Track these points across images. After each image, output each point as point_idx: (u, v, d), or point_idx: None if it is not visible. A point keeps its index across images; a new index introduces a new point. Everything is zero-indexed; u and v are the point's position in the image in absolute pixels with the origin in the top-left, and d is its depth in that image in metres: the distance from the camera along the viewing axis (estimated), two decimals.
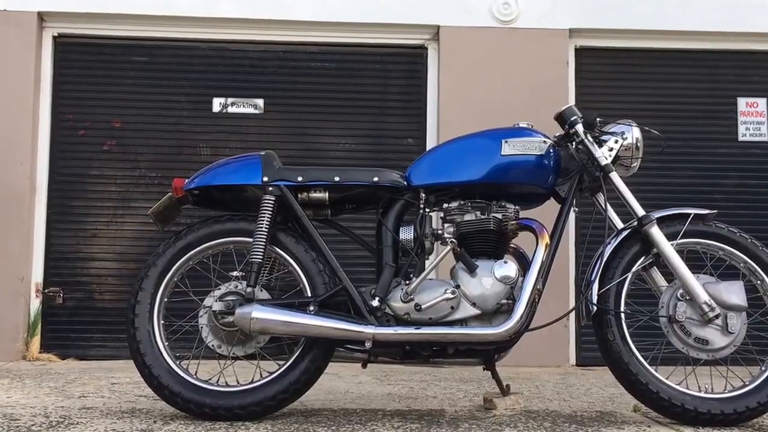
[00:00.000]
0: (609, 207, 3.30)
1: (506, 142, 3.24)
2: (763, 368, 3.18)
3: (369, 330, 3.08)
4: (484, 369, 3.38)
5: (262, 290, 3.26)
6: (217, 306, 3.17)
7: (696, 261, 3.31)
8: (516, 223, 3.26)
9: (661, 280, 3.30)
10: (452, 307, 3.13)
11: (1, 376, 4.72)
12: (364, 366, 3.33)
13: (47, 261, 6.25)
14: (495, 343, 3.14)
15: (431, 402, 3.76)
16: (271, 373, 3.17)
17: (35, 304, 6.24)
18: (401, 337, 3.09)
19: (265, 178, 3.26)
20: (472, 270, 3.14)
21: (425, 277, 3.16)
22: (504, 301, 3.15)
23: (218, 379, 3.22)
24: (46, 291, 6.22)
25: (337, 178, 3.28)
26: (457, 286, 3.16)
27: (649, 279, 3.34)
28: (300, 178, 3.27)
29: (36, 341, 6.19)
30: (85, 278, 6.27)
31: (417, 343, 3.13)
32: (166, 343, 3.23)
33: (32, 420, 3.11)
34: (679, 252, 3.23)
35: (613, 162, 3.31)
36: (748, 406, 3.09)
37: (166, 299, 3.27)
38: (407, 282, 3.17)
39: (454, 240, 3.18)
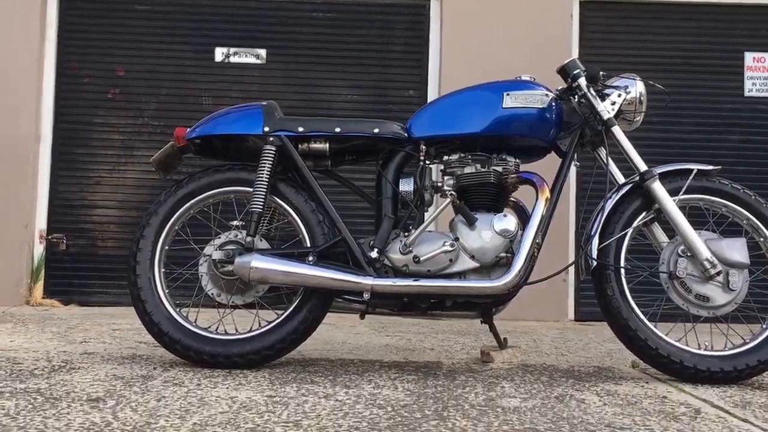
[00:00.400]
0: (611, 162, 3.23)
1: (508, 95, 3.16)
2: (764, 326, 3.12)
3: (367, 281, 3.02)
4: (481, 322, 3.34)
5: (261, 240, 3.20)
6: (217, 255, 3.11)
7: (698, 217, 3.23)
8: (516, 177, 3.18)
9: (662, 236, 3.23)
10: (451, 260, 3.06)
11: (4, 320, 4.69)
12: (362, 317, 3.28)
13: (51, 208, 6.24)
14: (493, 297, 3.08)
15: (428, 354, 3.72)
16: (270, 323, 3.12)
17: (39, 250, 6.23)
18: (399, 288, 3.03)
19: (266, 129, 3.19)
20: (471, 223, 3.07)
21: (424, 229, 3.09)
22: (503, 254, 3.09)
23: (217, 328, 3.18)
24: (49, 238, 6.20)
25: (337, 129, 3.20)
26: (456, 239, 3.09)
27: (650, 234, 3.27)
28: (301, 129, 3.20)
29: (39, 287, 6.18)
30: (88, 225, 6.25)
31: (415, 295, 3.07)
32: (167, 291, 3.18)
33: (35, 364, 3.07)
34: (681, 208, 3.16)
35: (616, 116, 3.23)
36: (748, 363, 3.04)
37: (167, 247, 3.22)
38: (406, 234, 3.11)
39: (453, 192, 3.11)
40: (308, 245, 3.16)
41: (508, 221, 3.09)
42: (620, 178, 3.26)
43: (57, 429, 2.08)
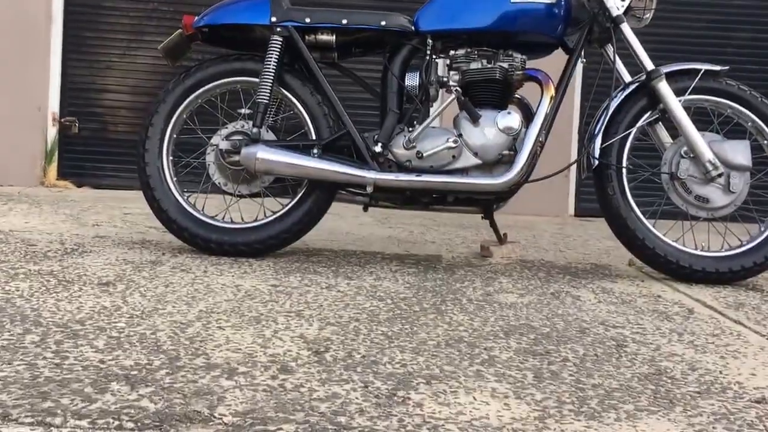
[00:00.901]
0: (618, 60, 3.15)
1: None
2: (762, 228, 3.10)
3: (370, 175, 3.00)
4: (482, 218, 3.32)
5: (267, 131, 3.17)
6: (224, 145, 3.09)
7: (703, 116, 3.19)
8: (522, 74, 3.11)
9: (665, 137, 3.19)
10: (453, 156, 3.04)
11: (20, 201, 4.71)
12: (366, 209, 3.28)
13: (63, 91, 6.19)
14: (494, 194, 3.07)
15: (429, 247, 3.73)
16: (275, 212, 3.12)
17: (52, 132, 6.21)
18: (402, 183, 3.02)
19: (273, 18, 3.11)
20: (475, 119, 3.03)
21: (428, 124, 3.05)
22: (506, 152, 3.05)
23: (224, 216, 3.17)
24: (62, 120, 6.17)
25: (344, 21, 3.13)
26: (460, 135, 3.05)
27: (653, 135, 3.22)
28: (308, 20, 3.13)
29: (53, 168, 6.20)
30: (99, 109, 6.23)
31: (417, 190, 3.06)
32: (175, 179, 3.17)
33: (48, 246, 3.09)
34: (686, 109, 3.10)
35: (625, 13, 3.15)
36: (743, 265, 3.04)
37: (175, 135, 3.20)
38: (410, 129, 3.07)
39: (458, 89, 3.06)
40: (313, 138, 3.13)
41: (512, 118, 3.05)
42: (627, 77, 3.20)
43: (68, 312, 2.10)
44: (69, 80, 6.17)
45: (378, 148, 3.04)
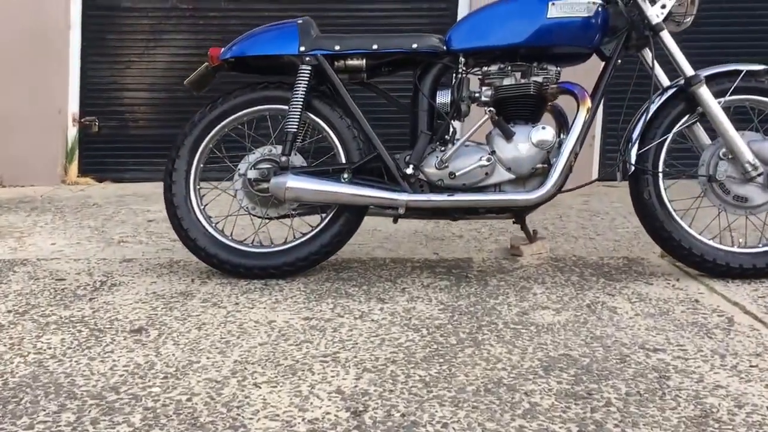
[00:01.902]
0: (656, 64, 3.05)
1: (553, 4, 2.98)
2: None
3: (402, 197, 2.95)
4: (513, 222, 3.25)
5: (296, 154, 3.12)
6: (252, 174, 3.05)
7: (743, 114, 3.12)
8: (557, 87, 3.03)
9: (704, 138, 3.11)
10: (487, 173, 2.99)
11: (43, 210, 4.70)
12: (395, 221, 3.21)
13: (83, 92, 6.20)
14: (529, 208, 3.01)
15: (457, 245, 3.68)
16: (304, 234, 3.08)
17: (72, 132, 6.21)
18: (434, 204, 2.98)
19: (302, 48, 3.06)
20: (509, 137, 2.97)
21: (461, 144, 2.99)
22: (539, 165, 2.99)
23: (253, 240, 3.13)
24: (82, 120, 6.17)
25: (375, 46, 3.06)
26: (493, 152, 2.99)
27: (691, 136, 3.15)
28: (337, 47, 3.06)
29: (74, 167, 6.22)
30: (119, 108, 6.21)
31: (449, 209, 3.01)
32: (203, 207, 3.13)
33: (77, 280, 3.07)
34: (726, 109, 3.01)
35: (665, 19, 3.04)
36: None
37: (201, 165, 3.16)
38: (443, 149, 3.01)
39: (492, 109, 2.99)
40: (343, 161, 3.08)
41: (546, 133, 2.98)
42: (665, 81, 3.10)
43: (102, 375, 2.07)
44: (88, 81, 6.14)
45: (410, 170, 2.98)
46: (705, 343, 2.30)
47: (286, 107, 3.05)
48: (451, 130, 3.07)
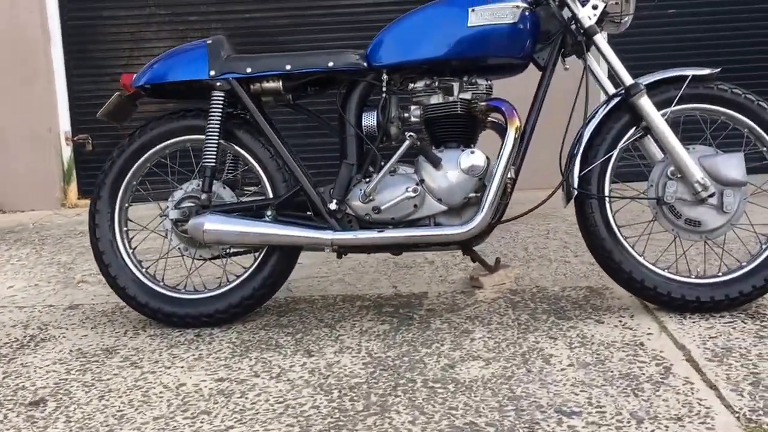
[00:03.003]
0: (600, 72, 2.90)
1: (473, 10, 2.81)
2: (764, 245, 2.85)
3: (326, 236, 2.84)
4: (463, 254, 3.13)
5: (225, 188, 3.04)
6: (174, 214, 2.96)
7: (696, 124, 2.98)
8: (485, 105, 2.87)
9: (657, 153, 2.92)
10: (415, 206, 2.85)
11: (27, 242, 4.77)
12: (339, 257, 3.10)
13: (72, 108, 6.21)
14: (462, 243, 2.87)
15: (422, 274, 3.59)
16: (238, 277, 3.00)
17: (67, 152, 6.24)
18: (361, 242, 2.85)
19: (212, 72, 2.95)
20: (436, 164, 2.83)
21: (383, 176, 2.85)
22: (472, 194, 2.84)
23: (186, 285, 3.07)
24: (75, 139, 6.18)
25: (288, 67, 2.94)
26: (422, 181, 2.85)
27: (643, 150, 2.97)
28: (249, 69, 2.95)
29: (73, 188, 6.25)
30: (110, 124, 6.17)
31: (379, 246, 2.89)
32: (131, 250, 3.06)
33: (8, 334, 3.06)
34: (675, 119, 2.85)
35: (601, 20, 2.88)
36: (741, 291, 2.80)
37: (126, 205, 3.08)
38: (367, 180, 2.88)
39: (412, 134, 2.84)
40: (270, 196, 2.98)
41: (475, 157, 2.83)
42: (611, 90, 2.94)
43: None
44: (75, 96, 6.17)
45: (333, 206, 2.87)
46: (628, 404, 2.18)
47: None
48: (378, 158, 2.92)
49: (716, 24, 5.71)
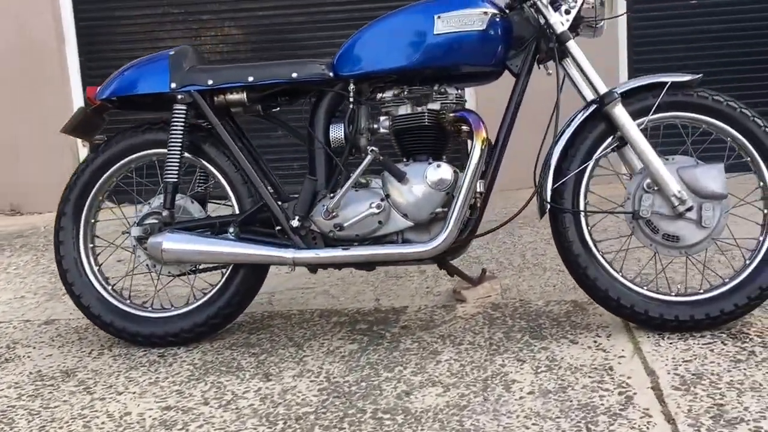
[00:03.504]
0: (579, 79, 2.76)
1: (439, 17, 2.70)
2: (748, 262, 2.70)
3: (287, 255, 2.76)
4: (439, 268, 3.03)
5: (193, 202, 2.98)
6: (136, 231, 2.91)
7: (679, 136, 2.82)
8: (453, 116, 2.76)
9: (637, 163, 2.78)
10: (380, 222, 2.75)
11: (30, 248, 4.76)
12: (313, 272, 3.02)
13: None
14: (430, 260, 2.77)
15: (408, 286, 3.49)
16: (205, 294, 2.94)
17: (83, 154, 6.26)
18: (323, 260, 2.77)
19: (173, 84, 2.89)
20: (400, 178, 2.72)
21: (346, 192, 2.75)
22: (439, 209, 2.74)
23: (152, 303, 3.02)
24: (93, 140, 6.18)
25: (250, 78, 2.86)
26: (387, 196, 2.75)
27: (622, 161, 2.83)
28: (210, 82, 2.88)
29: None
30: (126, 124, 6.19)
31: (343, 264, 2.80)
32: (97, 268, 3.02)
33: None
34: (654, 129, 2.71)
35: (575, 26, 2.75)
36: (723, 309, 2.65)
37: (93, 221, 3.04)
38: (332, 195, 2.79)
39: (374, 148, 2.74)
40: (237, 210, 2.92)
41: (442, 171, 2.72)
42: (590, 97, 2.80)
43: None
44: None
45: (295, 223, 2.79)
46: None
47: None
48: (344, 172, 2.81)
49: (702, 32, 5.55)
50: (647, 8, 5.80)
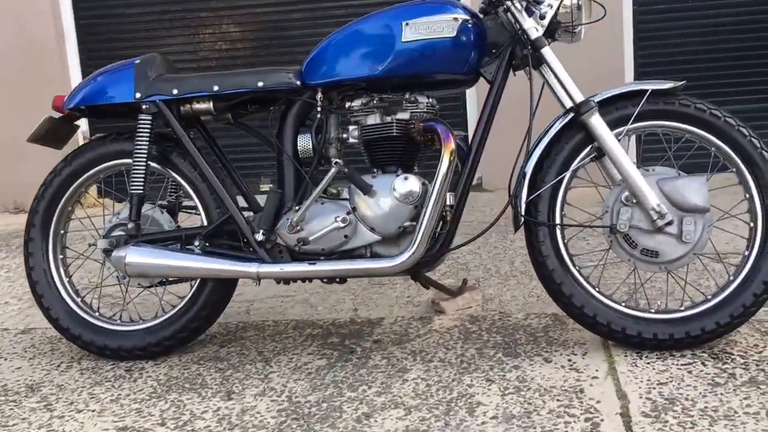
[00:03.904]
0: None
1: (407, 24, 2.58)
2: (731, 278, 2.56)
3: (251, 269, 2.65)
4: (413, 281, 2.91)
5: (163, 212, 2.89)
6: (102, 244, 2.82)
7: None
8: (421, 125, 2.63)
9: (617, 174, 2.64)
10: (346, 236, 2.63)
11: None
12: (287, 283, 2.92)
13: None
14: (398, 275, 2.66)
15: (392, 294, 3.37)
16: (174, 307, 2.86)
17: None
18: (288, 275, 2.66)
19: (138, 94, 2.79)
20: (366, 191, 2.61)
21: (310, 205, 2.64)
22: (408, 223, 2.62)
23: (121, 315, 2.94)
24: (92, 138, 6.13)
25: (216, 88, 2.75)
26: (354, 209, 2.64)
27: (602, 171, 2.70)
28: (175, 91, 2.78)
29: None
30: (129, 122, 6.14)
31: (309, 279, 2.70)
32: (67, 280, 2.94)
33: None
34: (652, 136, 2.60)
35: (552, 31, 2.62)
36: (704, 328, 2.52)
37: (62, 231, 2.96)
38: (297, 208, 2.68)
39: (339, 161, 2.63)
40: (204, 222, 2.82)
41: (409, 184, 2.60)
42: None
43: None
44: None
45: (260, 236, 2.68)
46: None
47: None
48: (310, 184, 2.70)
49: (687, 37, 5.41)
50: (652, 1, 5.65)
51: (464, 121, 5.73)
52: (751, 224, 2.57)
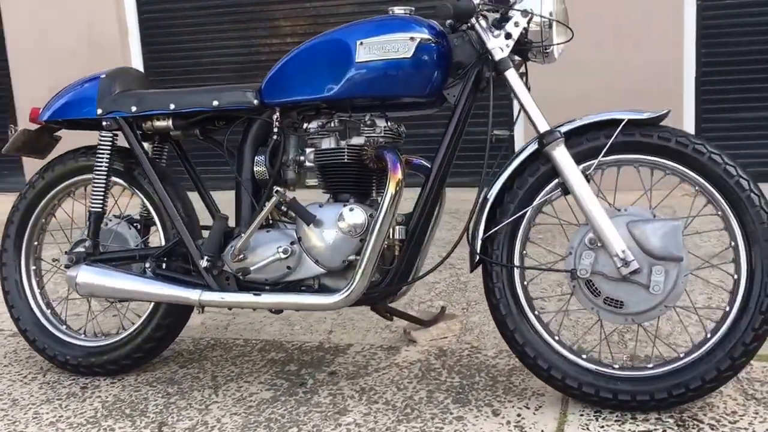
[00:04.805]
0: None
1: (362, 44, 2.31)
2: (709, 336, 2.20)
3: (194, 296, 2.47)
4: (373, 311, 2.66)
5: (130, 228, 2.74)
6: (64, 260, 2.69)
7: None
8: (373, 152, 2.36)
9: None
10: (289, 267, 2.41)
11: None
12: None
13: None
14: (338, 309, 2.41)
15: (370, 317, 3.13)
16: (133, 324, 2.71)
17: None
18: (230, 304, 2.47)
19: (99, 111, 2.64)
20: (308, 221, 2.36)
21: (251, 233, 2.42)
22: (353, 257, 2.36)
23: (84, 330, 2.82)
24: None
25: (172, 106, 2.57)
26: (299, 239, 2.40)
27: (573, 208, 2.36)
28: (134, 108, 2.61)
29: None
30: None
31: (255, 308, 2.48)
32: (39, 291, 2.84)
33: None
34: (616, 171, 2.29)
35: (525, 50, 2.31)
36: (671, 391, 2.18)
37: (35, 243, 2.85)
38: (243, 234, 2.46)
39: (280, 189, 2.39)
40: (162, 242, 2.64)
41: (354, 215, 2.34)
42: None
43: None
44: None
45: (204, 263, 2.48)
46: None
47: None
48: (256, 209, 2.50)
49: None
50: None
51: None
52: (735, 276, 2.20)
